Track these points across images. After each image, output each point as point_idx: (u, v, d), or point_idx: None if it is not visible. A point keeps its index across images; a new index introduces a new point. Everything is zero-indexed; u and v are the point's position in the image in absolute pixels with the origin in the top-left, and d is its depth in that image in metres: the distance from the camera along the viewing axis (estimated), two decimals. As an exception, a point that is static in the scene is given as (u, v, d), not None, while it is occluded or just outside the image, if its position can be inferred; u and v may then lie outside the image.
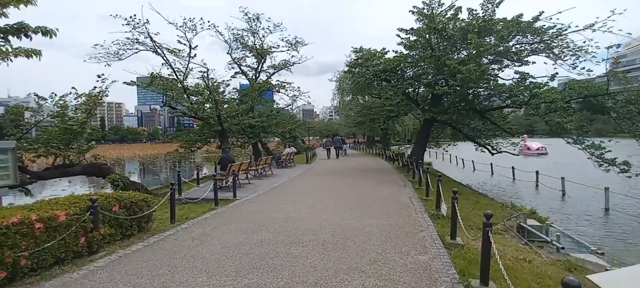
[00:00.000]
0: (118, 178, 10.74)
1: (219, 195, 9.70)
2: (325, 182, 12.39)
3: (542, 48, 13.57)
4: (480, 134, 16.33)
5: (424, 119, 16.31)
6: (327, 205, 8.12)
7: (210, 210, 8.19)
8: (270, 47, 21.38)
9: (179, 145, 15.45)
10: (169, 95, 15.13)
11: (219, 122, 16.15)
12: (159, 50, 15.17)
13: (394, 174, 14.83)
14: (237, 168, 11.47)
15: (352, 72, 17.50)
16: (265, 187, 11.55)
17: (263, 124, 19.21)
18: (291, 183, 12.55)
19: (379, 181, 12.50)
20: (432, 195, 9.10)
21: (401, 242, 5.34)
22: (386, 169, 17.22)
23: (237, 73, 21.54)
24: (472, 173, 22.59)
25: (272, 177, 14.23)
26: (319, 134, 72.09)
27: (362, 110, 32.06)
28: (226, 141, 17.22)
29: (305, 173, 15.66)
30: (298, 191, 10.52)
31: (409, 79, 14.79)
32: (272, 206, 8.24)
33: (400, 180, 12.66)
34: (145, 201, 6.19)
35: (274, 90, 22.38)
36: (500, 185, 17.16)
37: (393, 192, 10.15)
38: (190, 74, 16.37)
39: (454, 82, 11.37)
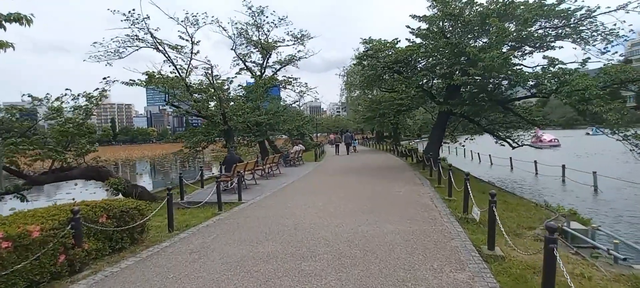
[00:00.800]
0: (118, 182, 10.17)
1: (224, 198, 9.05)
2: (336, 181, 11.64)
3: (568, 32, 12.53)
4: (500, 127, 15.34)
5: (439, 112, 15.39)
6: (341, 208, 7.37)
7: (213, 215, 7.53)
8: (276, 41, 20.66)
9: (183, 145, 14.87)
10: (172, 93, 14.54)
11: (223, 120, 15.51)
12: (160, 46, 14.58)
13: (409, 171, 13.99)
14: (242, 168, 10.81)
15: (361, 64, 16.68)
16: (272, 187, 10.86)
17: (270, 122, 18.53)
18: (300, 183, 11.84)
19: (393, 179, 11.70)
20: (455, 195, 8.28)
21: (431, 254, 4.56)
22: (399, 166, 16.37)
23: (242, 69, 20.90)
24: (490, 168, 21.55)
25: (279, 177, 13.54)
26: (327, 131, 71.29)
27: (371, 104, 31.12)
28: (232, 140, 16.60)
29: (314, 172, 14.94)
30: (308, 192, 9.80)
31: (423, 70, 13.88)
32: (280, 210, 7.53)
33: (416, 178, 11.83)
34: (138, 209, 5.54)
35: (280, 86, 21.67)
36: (524, 181, 16.14)
37: (411, 191, 9.34)
38: (193, 71, 15.79)
39: (475, 70, 10.46)
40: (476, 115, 14.03)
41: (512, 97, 12.94)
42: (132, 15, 13.37)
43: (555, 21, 12.69)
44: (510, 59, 10.48)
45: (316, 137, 54.67)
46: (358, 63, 16.66)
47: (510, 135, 14.98)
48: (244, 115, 16.35)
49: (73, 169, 10.25)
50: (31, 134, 10.46)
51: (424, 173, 12.98)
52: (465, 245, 4.92)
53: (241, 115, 15.88)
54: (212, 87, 15.36)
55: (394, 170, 14.51)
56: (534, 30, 12.24)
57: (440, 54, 13.21)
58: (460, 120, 16.64)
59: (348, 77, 43.29)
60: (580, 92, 9.14)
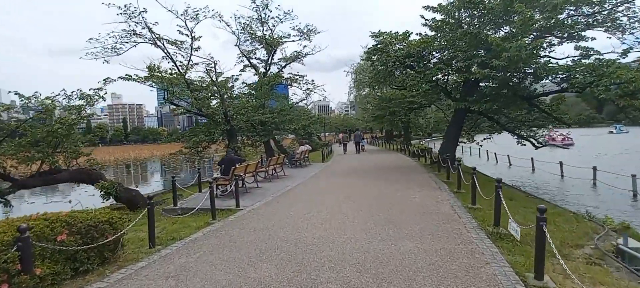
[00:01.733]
0: (109, 186, 9.45)
1: (221, 204, 8.23)
2: (345, 185, 10.71)
3: (601, 20, 11.32)
4: (521, 125, 14.15)
5: (456, 110, 14.29)
6: (349, 219, 6.45)
7: (206, 225, 6.71)
8: (281, 37, 19.80)
9: (183, 145, 14.12)
10: (171, 90, 13.82)
11: (225, 119, 14.73)
12: (159, 42, 13.86)
13: (423, 173, 12.95)
14: (242, 170, 9.98)
15: (371, 59, 15.66)
16: (275, 191, 9.99)
17: (275, 121, 17.69)
18: (305, 186, 10.95)
19: (407, 183, 10.70)
20: (480, 202, 7.27)
21: (463, 284, 3.61)
22: (412, 167, 15.33)
23: (247, 66, 20.12)
24: (508, 169, 20.27)
25: (284, 179, 12.67)
26: (335, 130, 70.32)
27: (380, 102, 29.96)
28: (235, 139, 15.82)
29: (321, 174, 14.03)
30: (313, 197, 8.89)
31: (439, 64, 12.81)
32: (280, 220, 6.65)
33: (432, 182, 10.81)
34: (110, 222, 4.73)
35: (285, 83, 20.81)
36: (548, 184, 14.88)
37: (427, 197, 8.34)
38: (194, 68, 15.04)
39: (498, 62, 9.37)
40: (496, 113, 12.89)
41: (537, 92, 11.77)
42: (129, 8, 12.67)
43: (585, 8, 11.48)
44: (538, 49, 9.38)
45: (324, 136, 53.77)
46: (367, 58, 15.68)
47: (532, 134, 13.78)
48: (247, 113, 15.55)
49: (63, 172, 9.58)
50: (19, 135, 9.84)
51: (440, 175, 11.93)
52: (504, 271, 3.94)
53: (244, 113, 15.07)
54: (213, 85, 14.59)
55: (407, 172, 13.49)
56: (562, 19, 11.06)
57: (457, 47, 12.12)
58: (478, 118, 15.49)
59: (357, 75, 42.25)
60: (623, 86, 8.00)
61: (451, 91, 14.51)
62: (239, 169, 9.51)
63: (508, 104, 11.41)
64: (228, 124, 14.74)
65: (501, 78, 9.99)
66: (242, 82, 19.99)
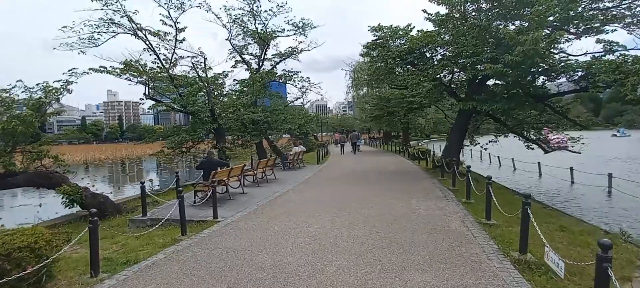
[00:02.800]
0: (72, 192, 8.35)
1: (196, 215, 7.19)
2: (340, 192, 9.67)
3: (620, 15, 10.35)
4: (531, 127, 13.17)
5: (460, 111, 13.28)
6: (343, 238, 5.41)
7: (173, 242, 5.66)
8: (275, 31, 18.71)
9: (164, 145, 13.00)
10: (153, 86, 12.71)
11: (212, 117, 13.64)
12: (140, 32, 12.76)
13: (425, 179, 11.95)
14: (225, 175, 8.91)
15: (369, 55, 14.65)
16: (261, 199, 8.94)
17: (267, 120, 16.61)
18: (296, 193, 9.90)
19: (408, 190, 9.68)
20: (495, 217, 6.26)
21: None
22: (412, 171, 14.33)
23: (238, 62, 19.00)
24: (513, 174, 19.32)
25: (274, 184, 11.62)
26: (333, 130, 69.35)
27: (379, 102, 29.03)
28: (223, 139, 14.75)
29: (315, 178, 12.98)
30: (302, 208, 7.85)
31: (443, 61, 11.80)
32: (260, 238, 5.59)
33: (436, 189, 9.79)
34: (32, 248, 3.65)
35: (279, 80, 19.72)
36: (559, 192, 13.89)
37: (433, 208, 7.32)
38: (179, 62, 13.96)
39: (512, 57, 8.37)
40: (505, 114, 11.90)
41: (551, 92, 10.78)
42: (104, -6, 11.57)
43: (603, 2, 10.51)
44: (556, 42, 8.40)
45: (321, 136, 52.74)
46: (366, 54, 14.66)
47: (542, 137, 12.80)
48: (237, 111, 14.47)
49: (19, 175, 8.45)
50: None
51: (445, 182, 10.92)
52: (549, 327, 2.91)
53: (233, 111, 13.99)
54: (200, 80, 13.50)
55: (408, 177, 12.47)
56: (580, 12, 10.08)
57: (463, 42, 11.10)
58: (483, 119, 14.51)
59: (355, 74, 41.21)
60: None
61: (456, 90, 13.50)
62: (220, 174, 8.44)
63: (520, 104, 10.42)
64: (215, 122, 13.65)
65: (514, 75, 8.99)
66: (234, 78, 18.91)
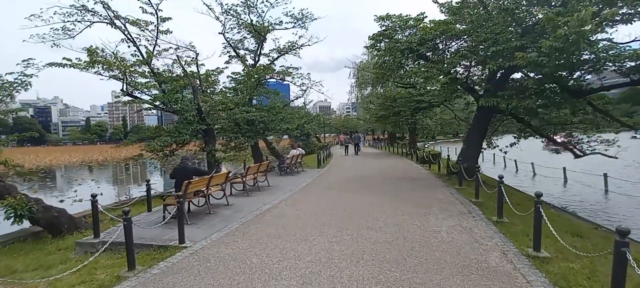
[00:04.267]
0: (19, 204, 6.92)
1: (159, 237, 5.73)
2: (340, 204, 8.16)
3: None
4: (561, 128, 11.57)
5: (480, 109, 11.72)
6: (343, 280, 3.90)
7: (114, 282, 4.20)
8: (272, 24, 17.26)
9: (143, 148, 11.54)
10: (131, 82, 11.30)
11: (199, 116, 12.20)
12: (118, 21, 11.38)
13: (440, 188, 10.39)
14: (203, 184, 7.44)
15: (376, 47, 13.13)
16: (246, 213, 7.46)
17: (263, 119, 15.15)
18: (289, 204, 8.40)
19: (422, 202, 8.14)
20: (548, 245, 4.74)
21: None
22: (423, 177, 12.77)
23: (233, 57, 17.59)
24: (532, 180, 17.65)
25: (265, 192, 10.14)
26: (336, 131, 67.91)
27: (384, 102, 27.47)
28: (213, 141, 13.30)
29: (313, 185, 11.49)
30: (294, 226, 6.35)
31: (462, 51, 10.25)
32: (229, 279, 4.11)
33: (456, 201, 8.23)
34: None
35: (276, 78, 18.24)
36: (594, 202, 12.25)
37: (459, 231, 5.78)
38: (163, 54, 12.55)
39: (551, 42, 6.80)
40: (531, 113, 10.30)
41: (591, 87, 9.16)
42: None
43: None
44: (608, 21, 6.85)
45: (324, 137, 51.24)
46: (372, 46, 13.14)
47: (575, 140, 11.19)
48: (228, 110, 13.02)
49: (-45, 183, 7.07)
50: None
51: (464, 192, 9.36)
52: None
53: (224, 110, 12.55)
54: (184, 75, 12.08)
55: (419, 185, 10.93)
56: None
57: (485, 29, 9.54)
58: (504, 119, 12.91)
59: (358, 73, 39.72)
60: None
61: (472, 86, 11.94)
62: (196, 184, 6.96)
63: (555, 101, 8.83)
64: (203, 122, 12.20)
65: (551, 66, 7.44)
66: (228, 75, 17.48)
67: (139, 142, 12.30)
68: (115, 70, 10.25)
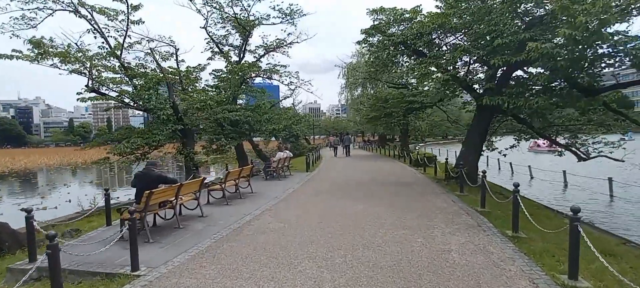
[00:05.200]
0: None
1: (110, 260, 4.64)
2: (330, 216, 7.19)
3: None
4: (566, 129, 10.90)
5: (479, 109, 10.97)
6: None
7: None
8: (258, 18, 16.24)
9: (108, 151, 10.27)
10: (97, 78, 10.08)
11: (175, 116, 11.06)
12: (83, 9, 10.16)
13: (439, 194, 9.54)
14: (171, 194, 6.35)
15: (368, 42, 12.25)
16: (222, 226, 6.41)
17: (247, 120, 14.07)
18: (272, 215, 7.38)
19: (423, 211, 7.24)
20: (585, 268, 3.88)
21: None
22: (420, 182, 11.93)
23: (216, 53, 16.46)
24: (529, 183, 17.05)
25: (247, 200, 9.09)
26: (326, 133, 67.11)
27: (375, 103, 26.73)
28: (192, 143, 12.16)
29: (301, 191, 10.48)
30: (275, 245, 5.35)
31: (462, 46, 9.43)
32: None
33: (461, 211, 7.36)
34: None
35: (263, 76, 17.17)
36: (600, 208, 11.59)
37: (472, 249, 4.88)
38: (134, 46, 11.37)
39: (569, 30, 6.01)
40: (535, 114, 9.54)
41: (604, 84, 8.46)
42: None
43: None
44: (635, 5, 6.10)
45: (313, 139, 50.26)
46: (364, 41, 12.25)
47: (579, 142, 10.52)
48: (208, 109, 11.91)
49: None
50: None
51: (467, 199, 8.52)
52: None
53: (203, 108, 11.44)
54: (160, 70, 10.93)
55: (416, 191, 10.05)
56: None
57: (488, 22, 8.74)
58: (504, 120, 12.19)
59: (349, 74, 38.88)
60: None
61: (472, 84, 11.16)
62: (159, 194, 5.87)
63: (567, 99, 8.08)
64: (179, 122, 11.06)
65: (566, 59, 6.66)
66: (210, 72, 16.35)
67: (104, 144, 11.01)
68: (75, 63, 9.01)
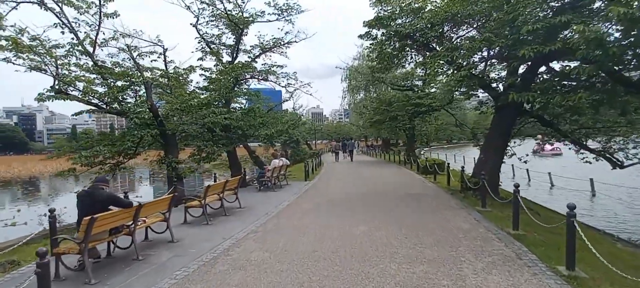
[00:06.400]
0: None
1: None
2: (328, 241, 5.84)
3: None
4: (597, 132, 9.54)
5: (498, 110, 9.61)
6: None
7: None
8: (253, 15, 15.02)
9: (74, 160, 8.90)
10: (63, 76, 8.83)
11: (156, 120, 9.79)
12: (50, 1, 8.96)
13: (457, 210, 8.15)
14: (125, 218, 5.02)
15: (371, 36, 10.95)
16: (190, 259, 5.07)
17: (239, 124, 12.77)
18: (257, 241, 6.03)
19: (443, 236, 5.87)
20: None
21: None
22: (432, 194, 10.55)
23: (207, 53, 15.24)
24: (550, 192, 15.59)
25: (232, 217, 7.76)
26: (328, 138, 65.93)
27: (379, 106, 25.38)
28: (174, 151, 10.86)
29: (296, 205, 9.13)
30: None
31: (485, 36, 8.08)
32: None
33: (488, 233, 5.97)
34: None
35: (258, 77, 15.89)
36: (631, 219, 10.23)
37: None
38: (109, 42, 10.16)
39: (626, 8, 4.69)
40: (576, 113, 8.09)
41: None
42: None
43: None
44: None
45: (315, 144, 48.95)
46: (366, 35, 10.94)
47: (619, 146, 9.13)
48: (194, 112, 10.64)
49: None
50: None
51: (493, 216, 7.12)
52: None
53: (185, 110, 10.17)
54: (136, 68, 9.70)
55: (431, 206, 8.65)
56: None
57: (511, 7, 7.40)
58: (525, 122, 10.79)
59: (350, 77, 37.58)
60: None
61: (490, 81, 9.82)
62: (106, 220, 4.55)
63: (612, 96, 6.72)
64: (158, 126, 9.80)
65: (619, 47, 5.32)
66: (201, 73, 15.11)
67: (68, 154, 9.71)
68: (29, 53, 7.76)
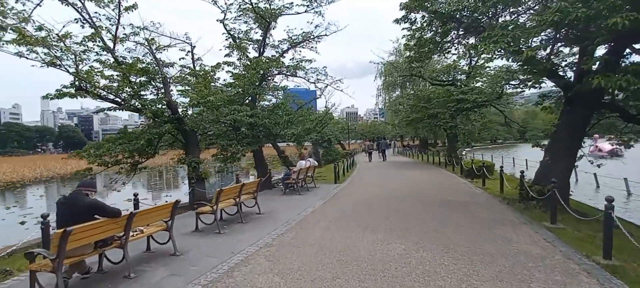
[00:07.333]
0: None
1: None
2: (352, 264, 4.73)
3: None
4: None
5: (568, 102, 7.86)
6: None
7: None
8: (280, 7, 14.23)
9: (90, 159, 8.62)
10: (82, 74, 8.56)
11: (174, 116, 9.27)
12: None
13: (517, 224, 6.63)
14: (115, 229, 4.29)
15: (408, 20, 9.58)
16: (191, 276, 4.22)
17: (263, 122, 12.02)
18: (268, 259, 5.07)
19: (506, 265, 4.50)
20: None
21: None
22: (481, 202, 8.98)
23: (234, 49, 14.68)
24: (627, 201, 13.07)
25: (247, 225, 6.90)
26: (362, 137, 64.26)
27: (417, 103, 23.60)
28: (196, 150, 10.32)
29: (321, 213, 8.09)
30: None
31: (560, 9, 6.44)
32: None
33: (568, 262, 4.49)
34: None
35: (286, 72, 15.07)
36: None
37: None
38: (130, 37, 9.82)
39: None
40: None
41: None
42: None
43: None
44: None
45: (348, 144, 47.59)
46: (403, 19, 9.58)
47: None
48: (213, 109, 10.02)
49: None
50: None
51: (567, 236, 5.55)
52: None
53: (206, 106, 9.56)
54: (155, 63, 9.24)
55: (483, 219, 7.17)
56: None
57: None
58: (602, 118, 8.84)
59: (385, 73, 35.84)
60: None
61: (556, 68, 8.06)
62: (86, 231, 3.82)
63: None
64: (175, 123, 9.26)
65: None
66: (227, 70, 14.59)
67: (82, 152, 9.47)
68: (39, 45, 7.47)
